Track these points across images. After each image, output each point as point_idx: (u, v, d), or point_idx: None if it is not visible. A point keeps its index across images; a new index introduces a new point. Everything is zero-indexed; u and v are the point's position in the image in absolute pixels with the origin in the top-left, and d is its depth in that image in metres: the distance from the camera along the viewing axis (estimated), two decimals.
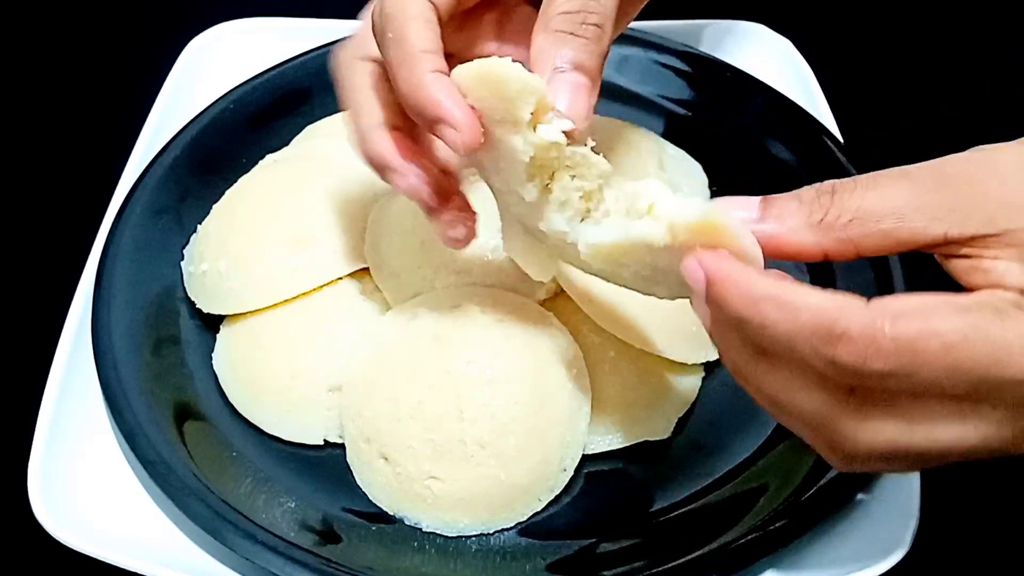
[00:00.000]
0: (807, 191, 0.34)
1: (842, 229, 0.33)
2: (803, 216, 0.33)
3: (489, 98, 0.37)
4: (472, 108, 0.38)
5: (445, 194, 0.43)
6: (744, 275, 0.32)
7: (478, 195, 0.45)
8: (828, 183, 0.34)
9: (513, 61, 0.37)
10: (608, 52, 0.41)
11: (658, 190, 0.35)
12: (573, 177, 0.39)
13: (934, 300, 0.30)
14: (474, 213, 0.44)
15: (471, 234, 0.44)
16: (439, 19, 0.41)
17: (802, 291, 0.31)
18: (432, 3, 0.40)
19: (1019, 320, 0.29)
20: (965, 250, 0.32)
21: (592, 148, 0.39)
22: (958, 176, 0.32)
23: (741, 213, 0.34)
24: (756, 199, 0.35)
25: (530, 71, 0.37)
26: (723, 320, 0.33)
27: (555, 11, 0.40)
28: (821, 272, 0.52)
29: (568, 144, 0.38)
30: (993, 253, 0.31)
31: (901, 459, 0.32)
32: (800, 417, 0.33)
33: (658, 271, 0.37)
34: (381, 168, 0.43)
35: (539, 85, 0.37)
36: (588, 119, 0.39)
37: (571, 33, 0.39)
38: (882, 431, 0.31)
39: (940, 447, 0.31)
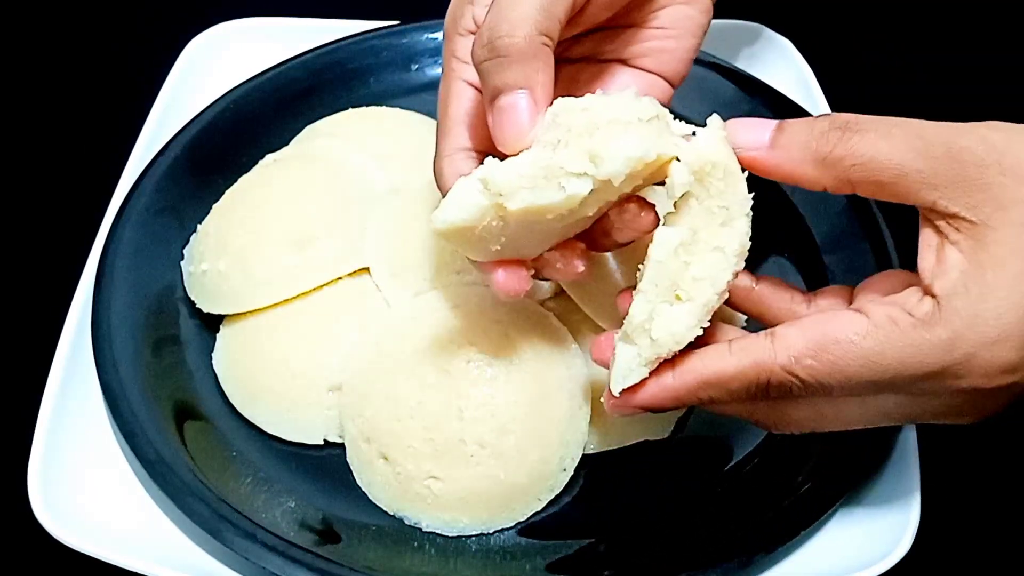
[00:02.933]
0: (821, 122, 0.35)
1: (844, 171, 0.34)
2: (810, 150, 0.35)
3: (461, 241, 0.38)
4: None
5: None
6: (672, 389, 0.37)
7: None
8: (843, 118, 0.35)
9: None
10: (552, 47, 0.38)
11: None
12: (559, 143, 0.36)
13: (840, 326, 0.34)
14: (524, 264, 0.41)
15: (518, 284, 0.41)
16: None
17: (718, 361, 0.36)
18: (475, 87, 0.40)
19: (915, 337, 0.33)
20: (941, 223, 0.34)
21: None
22: (967, 153, 0.33)
23: (752, 138, 0.36)
24: (770, 125, 0.36)
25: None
26: None
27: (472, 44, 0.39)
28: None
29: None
30: (955, 238, 0.33)
31: (820, 428, 0.39)
32: (734, 414, 0.39)
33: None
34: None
35: (446, 200, 0.36)
36: (526, 134, 0.37)
37: (484, 60, 0.37)
38: (800, 420, 0.38)
39: (845, 422, 0.38)
